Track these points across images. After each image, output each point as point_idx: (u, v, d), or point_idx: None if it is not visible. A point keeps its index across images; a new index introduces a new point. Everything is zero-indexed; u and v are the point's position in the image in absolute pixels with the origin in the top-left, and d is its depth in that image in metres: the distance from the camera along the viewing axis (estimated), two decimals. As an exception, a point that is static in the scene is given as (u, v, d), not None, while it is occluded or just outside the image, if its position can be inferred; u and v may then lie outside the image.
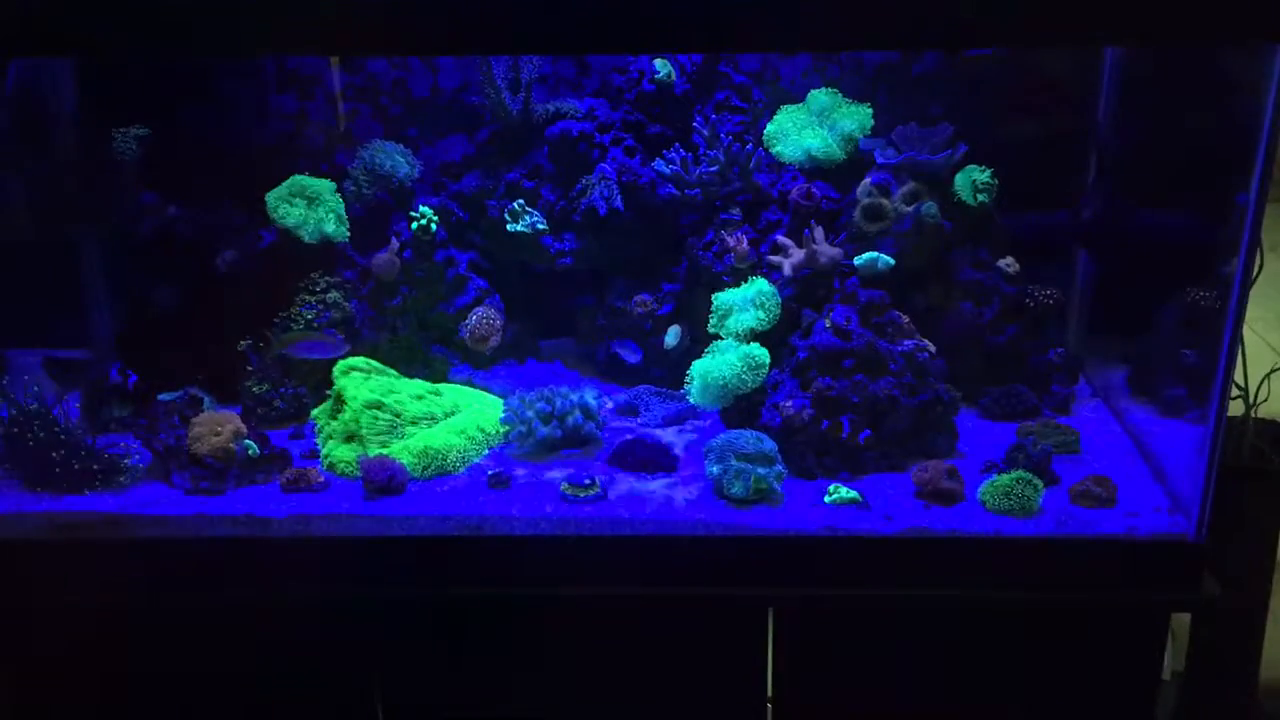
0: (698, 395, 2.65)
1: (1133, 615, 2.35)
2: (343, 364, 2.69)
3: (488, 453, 2.62)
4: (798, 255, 2.66)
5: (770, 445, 2.42)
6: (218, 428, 2.48)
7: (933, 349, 2.60)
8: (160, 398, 2.66)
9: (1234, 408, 2.45)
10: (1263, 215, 2.08)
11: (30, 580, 2.36)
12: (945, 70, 2.90)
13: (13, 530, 2.38)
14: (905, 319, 2.60)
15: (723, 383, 2.58)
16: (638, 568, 2.34)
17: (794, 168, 2.85)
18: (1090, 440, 2.63)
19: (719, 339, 2.69)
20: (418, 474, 2.50)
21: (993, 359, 2.79)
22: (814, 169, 2.82)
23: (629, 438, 2.62)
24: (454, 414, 2.68)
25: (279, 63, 2.95)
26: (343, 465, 2.54)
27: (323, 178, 2.84)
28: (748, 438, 2.43)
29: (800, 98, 2.89)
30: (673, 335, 2.87)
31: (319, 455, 2.59)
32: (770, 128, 2.87)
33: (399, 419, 2.60)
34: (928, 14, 1.99)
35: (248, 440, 2.48)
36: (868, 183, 2.76)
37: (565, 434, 2.61)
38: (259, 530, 2.37)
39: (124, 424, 2.64)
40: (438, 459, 2.52)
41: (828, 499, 2.38)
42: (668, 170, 2.85)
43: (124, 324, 2.94)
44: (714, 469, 2.41)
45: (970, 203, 2.73)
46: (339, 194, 2.85)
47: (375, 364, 2.75)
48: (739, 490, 2.37)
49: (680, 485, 2.47)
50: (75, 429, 2.50)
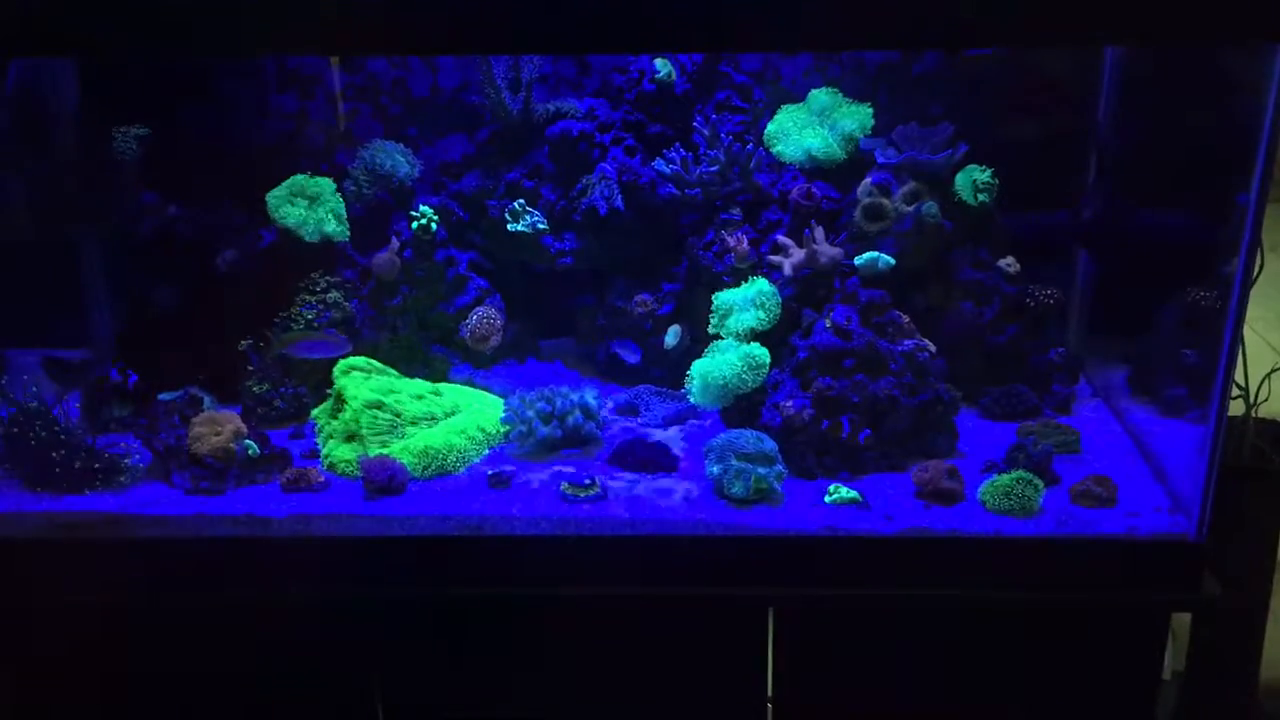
0: (698, 395, 2.65)
1: (1133, 615, 2.35)
2: (343, 364, 2.69)
3: (488, 452, 2.62)
4: (798, 255, 2.66)
5: (770, 445, 2.42)
6: (218, 427, 2.48)
7: (933, 349, 2.60)
8: (160, 397, 2.66)
9: (1234, 407, 2.45)
10: (1263, 215, 2.08)
11: (30, 580, 2.36)
12: (946, 70, 2.90)
13: (13, 530, 2.38)
14: (905, 319, 2.60)
15: (723, 382, 2.58)
16: (638, 568, 2.34)
17: (794, 167, 2.84)
18: (1091, 440, 2.63)
19: (719, 339, 2.69)
20: (418, 474, 2.50)
21: (993, 359, 2.79)
22: (814, 169, 2.82)
23: (629, 438, 2.62)
24: (454, 414, 2.68)
25: (279, 62, 2.94)
26: (343, 465, 2.54)
27: (323, 177, 2.84)
28: (748, 437, 2.43)
29: (801, 97, 2.89)
30: (673, 335, 2.87)
31: (319, 455, 2.59)
32: (771, 127, 2.87)
33: (399, 419, 2.60)
34: (928, 14, 1.99)
35: (248, 440, 2.48)
36: (868, 182, 2.76)
37: (565, 434, 2.60)
38: (259, 530, 2.37)
39: (124, 424, 2.64)
40: (438, 459, 2.52)
41: (828, 499, 2.38)
42: (668, 170, 2.85)
43: (124, 324, 2.94)
44: (714, 469, 2.41)
45: (971, 202, 2.72)
46: (339, 194, 2.85)
47: (376, 364, 2.75)
48: (739, 490, 2.37)
49: (681, 485, 2.47)
50: (75, 429, 2.50)
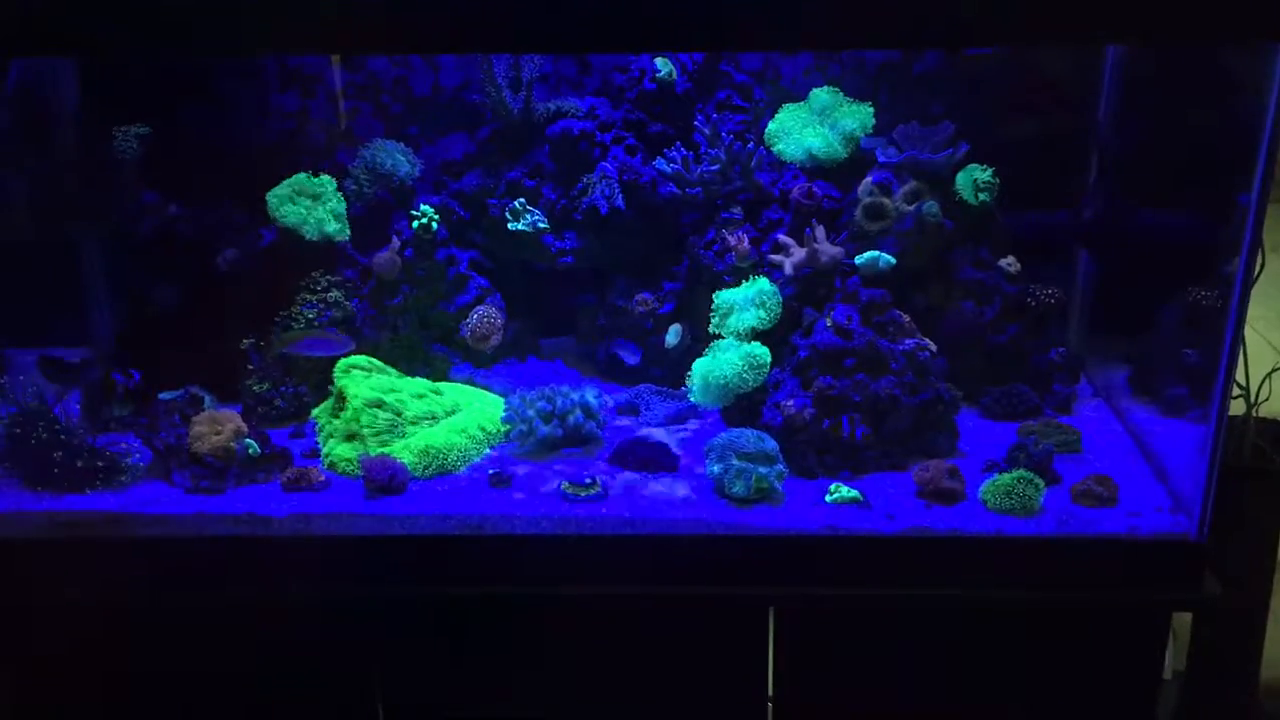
0: (699, 394, 2.65)
1: (1134, 615, 2.35)
2: (344, 363, 2.69)
3: (489, 452, 2.62)
4: (799, 254, 2.66)
5: (771, 444, 2.42)
6: (218, 427, 2.48)
7: (934, 348, 2.59)
8: (161, 396, 2.66)
9: (1235, 407, 2.45)
10: (1264, 215, 2.08)
11: (31, 579, 2.36)
12: (946, 69, 2.90)
13: (13, 529, 2.38)
14: (906, 318, 2.60)
15: (724, 382, 2.58)
16: (639, 567, 2.34)
17: (795, 167, 2.84)
18: (1091, 440, 2.63)
19: (720, 338, 2.69)
20: (419, 473, 2.50)
21: (994, 358, 2.78)
22: (815, 168, 2.82)
23: (630, 437, 2.62)
24: (455, 413, 2.68)
25: (280, 61, 2.94)
26: (344, 464, 2.53)
27: (324, 176, 2.84)
28: (749, 437, 2.43)
29: (801, 96, 2.88)
30: (674, 334, 2.86)
31: (320, 454, 2.59)
32: (772, 126, 2.87)
33: (400, 418, 2.60)
34: (929, 13, 1.99)
35: (248, 439, 2.48)
36: (869, 182, 2.76)
37: (566, 433, 2.60)
38: (260, 529, 2.37)
39: (124, 423, 2.64)
40: (439, 458, 2.52)
41: (829, 498, 2.38)
42: (669, 169, 2.84)
43: (125, 323, 2.94)
44: (715, 468, 2.41)
45: (972, 202, 2.72)
46: (340, 192, 2.85)
47: (376, 363, 2.75)
48: (740, 489, 2.37)
49: (681, 484, 2.47)
50: (76, 428, 2.50)
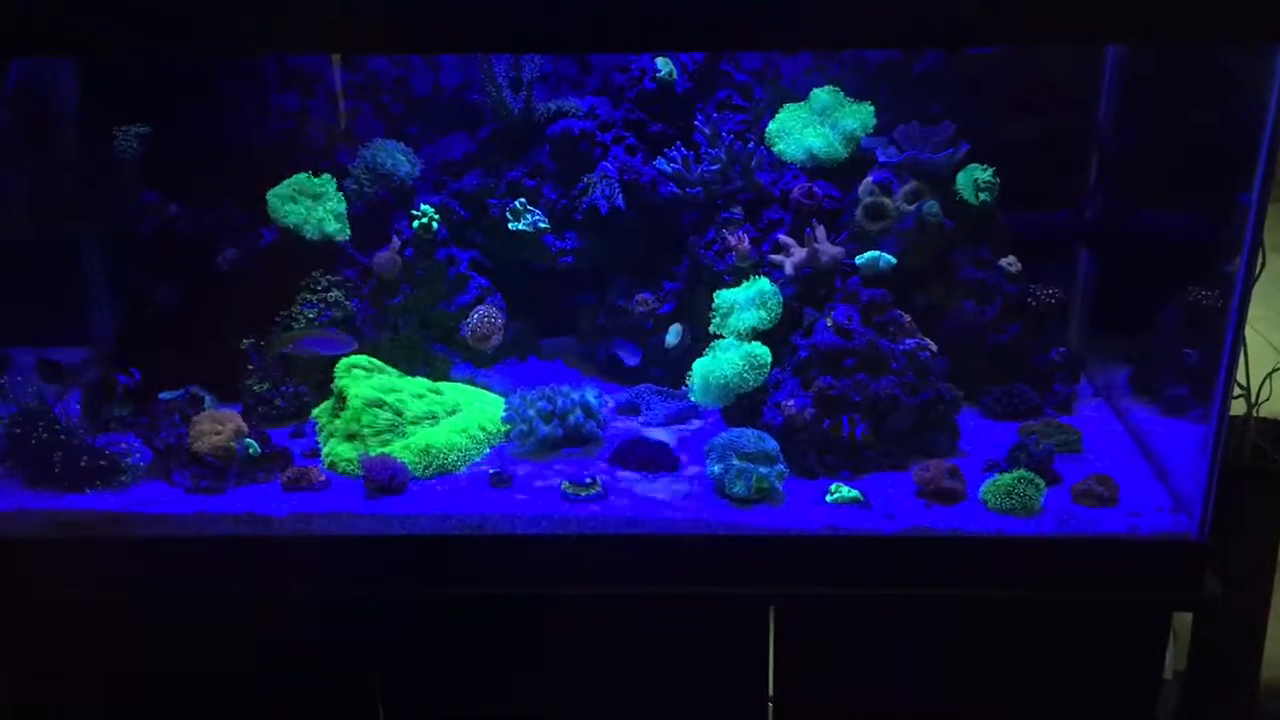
0: (699, 394, 2.65)
1: (1134, 615, 2.35)
2: (344, 362, 2.69)
3: (489, 451, 2.62)
4: (799, 254, 2.66)
5: (772, 444, 2.42)
6: (218, 426, 2.48)
7: (934, 348, 2.59)
8: (161, 396, 2.66)
9: (1236, 407, 2.45)
10: (1265, 215, 2.08)
11: (31, 579, 2.36)
12: (947, 69, 2.89)
13: (14, 529, 2.38)
14: (907, 318, 2.60)
15: (724, 381, 2.58)
16: (639, 567, 2.34)
17: (796, 166, 2.84)
18: (1092, 440, 2.63)
19: (720, 338, 2.69)
20: (419, 473, 2.50)
21: (994, 358, 2.78)
22: (816, 168, 2.82)
23: (630, 437, 2.62)
24: (455, 413, 2.68)
25: (280, 61, 2.94)
26: (344, 464, 2.53)
27: (324, 175, 2.83)
28: (749, 437, 2.43)
29: (802, 96, 2.88)
30: (674, 334, 2.86)
31: (320, 454, 2.59)
32: (772, 126, 2.86)
33: (400, 417, 2.60)
34: (929, 13, 1.98)
35: (249, 439, 2.48)
36: (869, 181, 2.76)
37: (566, 433, 2.60)
38: (260, 529, 2.37)
39: (124, 423, 2.64)
40: (439, 458, 2.52)
41: (829, 498, 2.38)
42: (669, 169, 2.84)
43: (125, 323, 2.94)
44: (715, 468, 2.41)
45: (972, 201, 2.72)
46: (340, 192, 2.85)
47: (377, 362, 2.75)
48: (740, 489, 2.36)
49: (682, 484, 2.47)
50: (77, 428, 2.50)
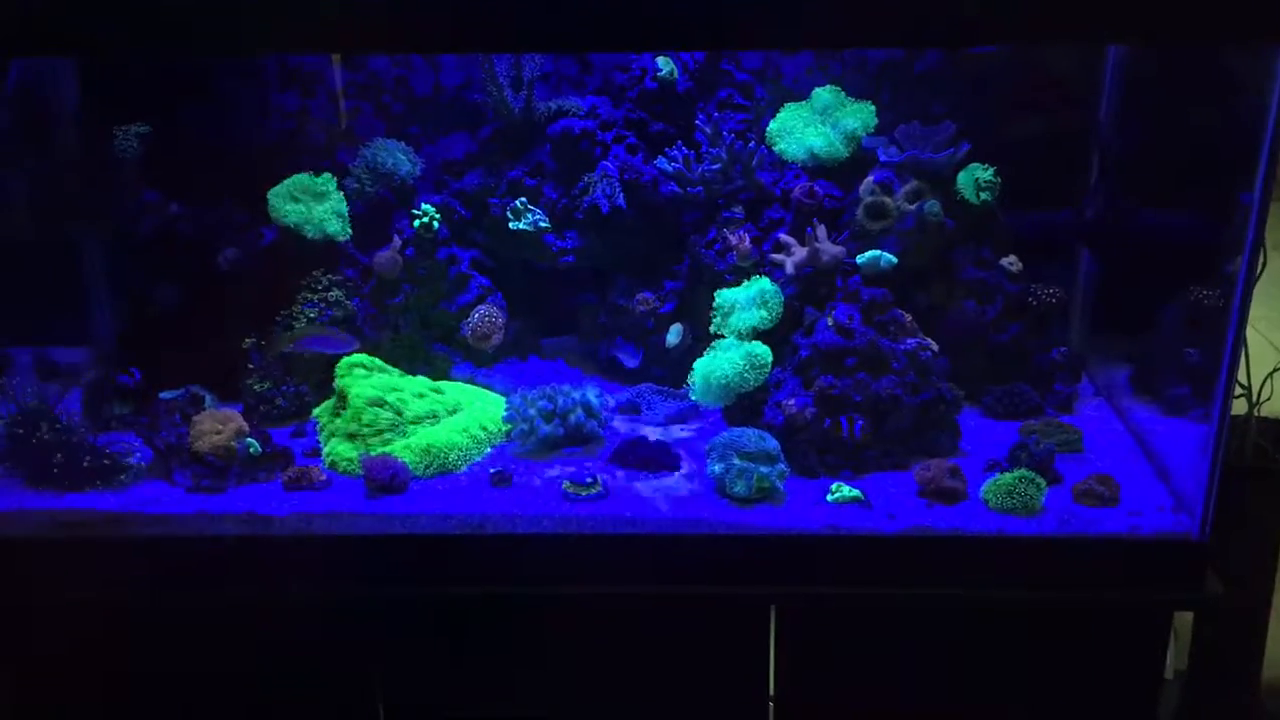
0: (700, 393, 2.65)
1: (1135, 614, 2.35)
2: (345, 362, 2.69)
3: (490, 451, 2.62)
4: (800, 253, 2.66)
5: (773, 444, 2.41)
6: (219, 426, 2.48)
7: (935, 347, 2.59)
8: (162, 396, 2.66)
9: (1237, 406, 2.45)
10: (1266, 214, 2.08)
11: (31, 578, 2.36)
12: (948, 68, 2.89)
13: (14, 528, 2.38)
14: (908, 317, 2.60)
15: (725, 381, 2.58)
16: (640, 566, 2.34)
17: (797, 166, 2.84)
18: (1093, 439, 2.62)
19: (721, 337, 2.69)
20: (420, 472, 2.50)
21: (995, 358, 2.78)
22: (817, 167, 2.82)
23: (631, 436, 2.62)
24: (456, 412, 2.68)
25: (281, 61, 2.94)
26: (344, 463, 2.53)
27: (325, 175, 2.83)
28: (750, 436, 2.42)
29: (803, 96, 2.88)
30: (675, 334, 2.86)
31: (321, 453, 2.59)
32: (773, 125, 2.86)
33: (401, 417, 2.59)
34: (930, 12, 1.98)
35: (249, 438, 2.48)
36: (870, 181, 2.75)
37: (567, 432, 2.60)
38: (260, 529, 2.37)
39: (125, 422, 2.64)
40: (439, 457, 2.52)
41: (830, 498, 2.38)
42: (670, 168, 2.84)
43: (125, 322, 2.94)
44: (716, 468, 2.41)
45: (973, 201, 2.72)
46: (340, 192, 2.85)
47: (377, 362, 2.75)
48: (741, 489, 2.36)
49: (682, 484, 2.47)
50: (78, 427, 2.50)
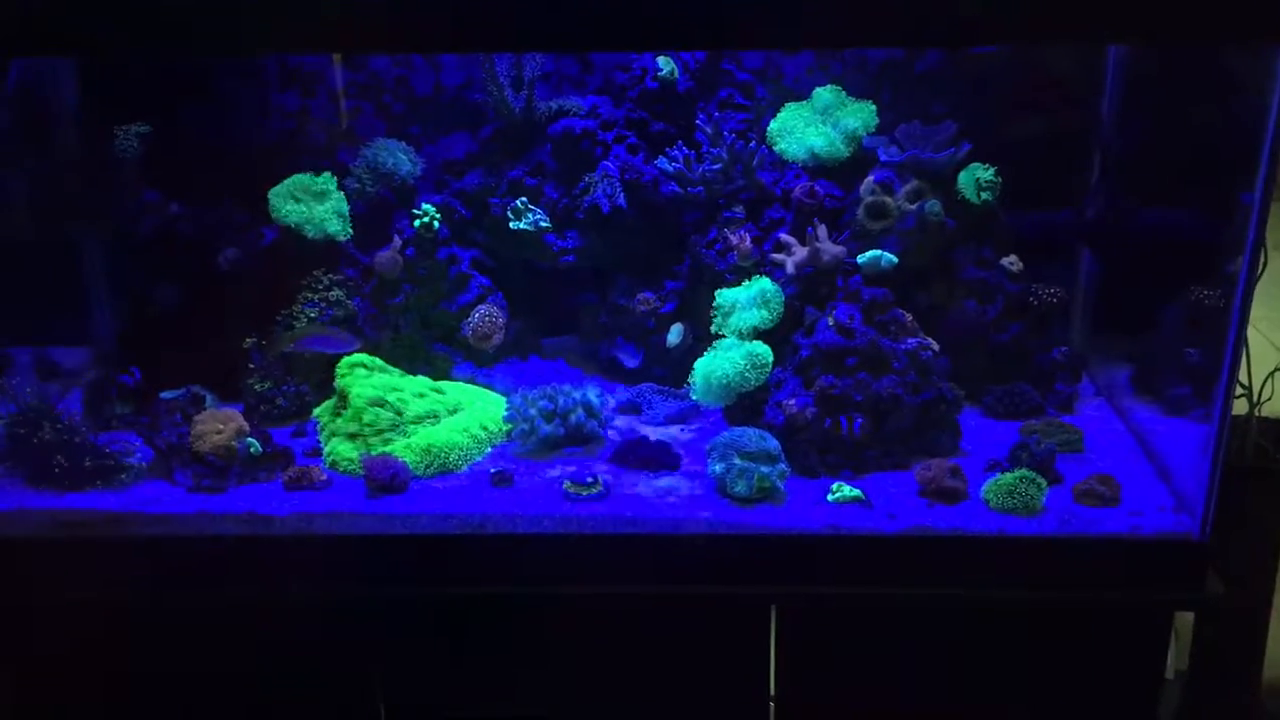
0: (701, 393, 2.65)
1: (1136, 614, 2.35)
2: (346, 361, 2.69)
3: (490, 451, 2.62)
4: (801, 253, 2.66)
5: (773, 443, 2.41)
6: (220, 426, 2.48)
7: (936, 347, 2.59)
8: (162, 396, 2.66)
9: (1238, 406, 2.44)
10: (1267, 214, 2.07)
11: (32, 578, 2.36)
12: (949, 68, 2.89)
13: (15, 528, 2.38)
14: (908, 317, 2.60)
15: (726, 381, 2.58)
16: (640, 566, 2.34)
17: (797, 165, 2.84)
18: (1094, 439, 2.62)
19: (722, 337, 2.68)
20: (420, 472, 2.50)
21: (996, 357, 2.78)
22: (817, 167, 2.82)
23: (632, 436, 2.62)
24: (456, 412, 2.68)
25: (281, 61, 2.94)
26: (345, 463, 2.53)
27: (325, 174, 2.83)
28: (751, 436, 2.42)
29: (804, 95, 2.88)
30: (675, 333, 2.86)
31: (321, 453, 2.59)
32: (774, 125, 2.86)
33: (401, 417, 2.59)
34: (931, 12, 1.98)
35: (250, 438, 2.48)
36: (871, 180, 2.75)
37: (568, 432, 2.60)
38: (261, 528, 2.37)
39: (126, 422, 2.64)
40: (440, 457, 2.52)
41: (831, 497, 2.38)
42: (671, 168, 2.84)
43: (126, 322, 2.94)
44: (717, 467, 2.41)
45: (974, 201, 2.72)
46: (341, 191, 2.85)
47: (378, 361, 2.75)
48: (742, 489, 2.36)
49: (683, 484, 2.47)
50: (79, 427, 2.50)
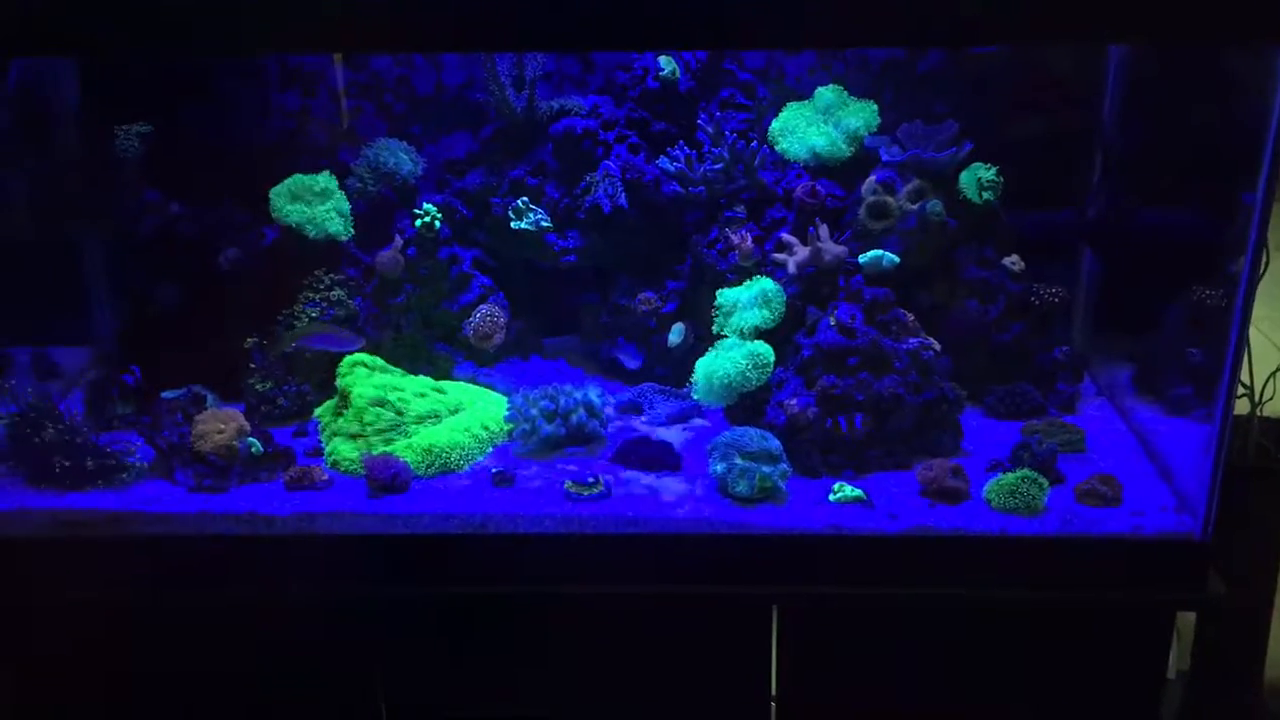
0: (702, 393, 2.65)
1: (1138, 614, 2.35)
2: (347, 361, 2.69)
3: (491, 451, 2.62)
4: (802, 253, 2.66)
5: (775, 443, 2.41)
6: (221, 425, 2.48)
7: (937, 347, 2.59)
8: (163, 395, 2.66)
9: (1239, 406, 2.44)
10: (1269, 214, 2.07)
11: (33, 578, 2.36)
12: (951, 68, 2.89)
13: (16, 528, 2.38)
14: (910, 317, 2.59)
15: (727, 381, 2.58)
16: (642, 566, 2.34)
17: (799, 165, 2.84)
18: (1095, 439, 2.62)
19: (723, 337, 2.68)
20: (421, 472, 2.50)
21: (998, 357, 2.78)
22: (819, 166, 2.82)
23: (633, 436, 2.61)
24: (458, 412, 2.68)
25: (282, 60, 2.94)
26: (346, 463, 2.53)
27: (326, 174, 2.83)
28: (752, 436, 2.42)
29: (805, 95, 2.88)
30: (677, 333, 2.86)
31: (322, 453, 2.59)
32: (775, 125, 2.86)
33: (403, 416, 2.59)
34: (933, 11, 1.98)
35: (251, 438, 2.48)
36: (873, 180, 2.75)
37: (569, 432, 2.60)
38: (262, 528, 2.37)
39: (127, 421, 2.64)
40: (441, 457, 2.52)
41: (832, 497, 2.37)
42: (672, 168, 2.84)
43: (127, 322, 2.94)
44: (718, 467, 2.41)
45: (975, 200, 2.72)
46: (342, 191, 2.85)
47: (379, 361, 2.75)
48: (743, 489, 2.36)
49: (684, 483, 2.47)
50: (80, 426, 2.50)
